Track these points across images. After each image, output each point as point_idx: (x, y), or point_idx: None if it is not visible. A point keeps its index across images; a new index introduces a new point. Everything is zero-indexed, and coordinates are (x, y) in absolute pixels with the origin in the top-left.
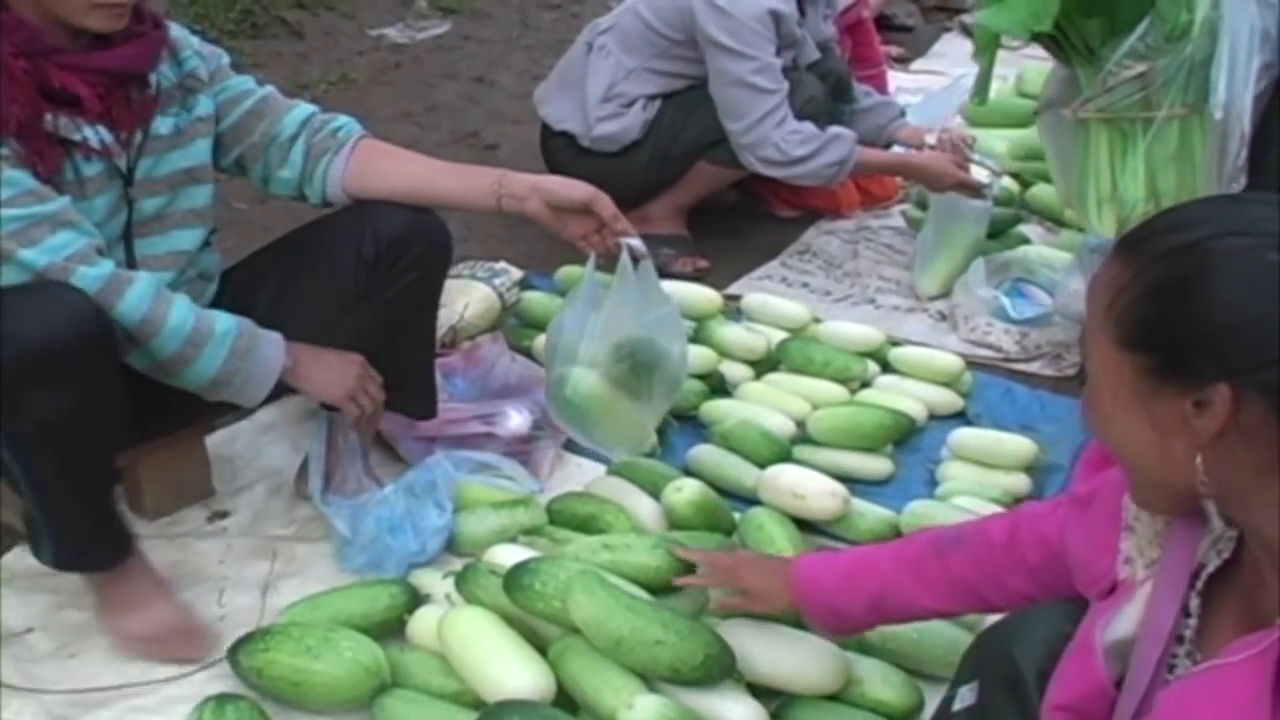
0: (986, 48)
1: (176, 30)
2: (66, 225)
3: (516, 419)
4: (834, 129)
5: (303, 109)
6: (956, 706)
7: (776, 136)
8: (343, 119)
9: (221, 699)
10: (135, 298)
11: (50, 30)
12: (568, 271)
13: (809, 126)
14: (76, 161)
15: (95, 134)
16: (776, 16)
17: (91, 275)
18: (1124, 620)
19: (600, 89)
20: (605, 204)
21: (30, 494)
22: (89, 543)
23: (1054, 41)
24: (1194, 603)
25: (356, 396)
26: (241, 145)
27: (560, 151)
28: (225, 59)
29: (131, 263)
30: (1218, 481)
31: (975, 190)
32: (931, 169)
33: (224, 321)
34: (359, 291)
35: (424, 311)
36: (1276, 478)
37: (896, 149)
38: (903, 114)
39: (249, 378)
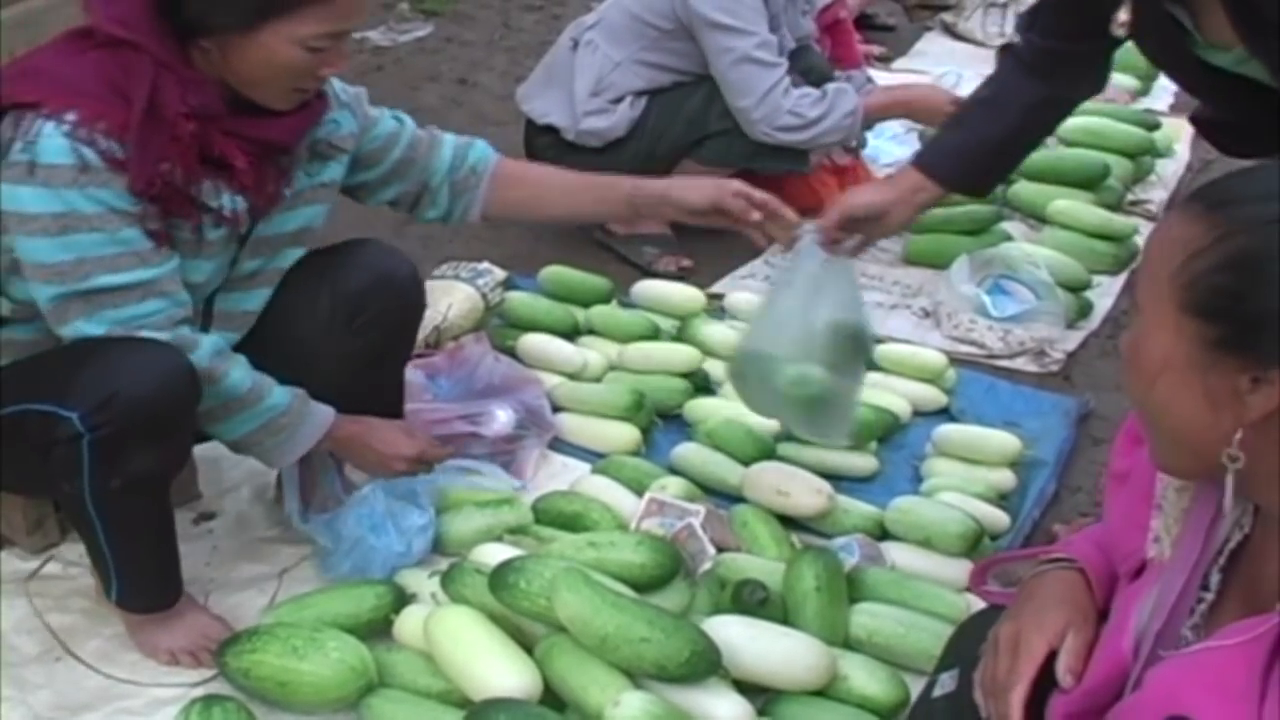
0: None
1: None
2: (160, 294)
3: (502, 418)
4: (831, 85)
5: (447, 146)
6: (937, 693)
7: (789, 104)
8: (479, 148)
9: (209, 700)
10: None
11: (224, 93)
12: (551, 271)
13: (813, 90)
14: (204, 225)
15: (232, 201)
16: None
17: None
18: (1150, 602)
19: (588, 84)
20: (733, 202)
21: (104, 540)
22: (157, 584)
23: None
24: (1214, 578)
25: (410, 467)
26: (392, 190)
27: (546, 150)
28: (364, 96)
29: (208, 319)
30: (1251, 458)
31: None
32: (924, 101)
33: (276, 395)
34: (316, 351)
35: (388, 369)
36: None
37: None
38: (870, 81)
39: (275, 450)
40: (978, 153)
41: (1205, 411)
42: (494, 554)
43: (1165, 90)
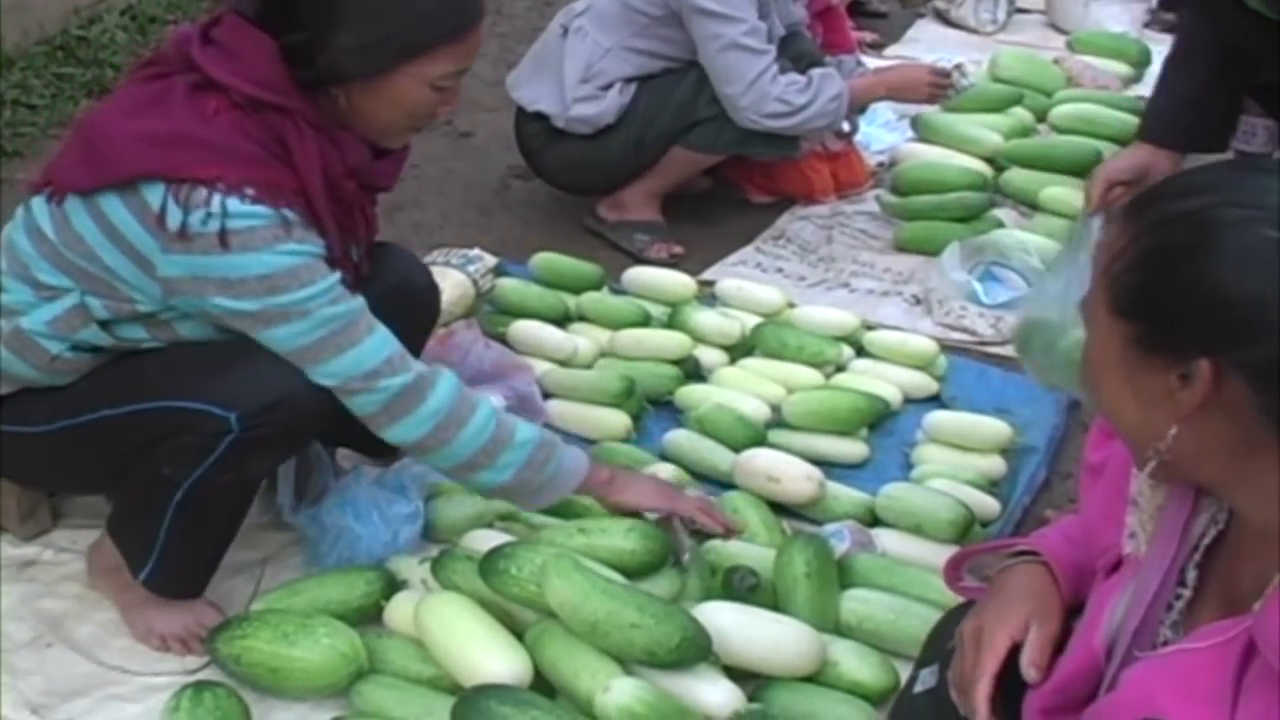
0: None
1: None
2: (377, 324)
3: (493, 404)
4: (816, 70)
5: None
6: (918, 689)
7: (776, 91)
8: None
9: (199, 686)
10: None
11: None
12: (542, 258)
13: (799, 76)
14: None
15: (356, 252)
16: None
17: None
18: (1126, 599)
19: (578, 70)
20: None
21: (170, 524)
22: (197, 574)
23: None
24: (1191, 575)
25: (679, 504)
26: None
27: (536, 137)
28: None
29: None
30: (1187, 456)
31: (947, 85)
32: (904, 81)
33: (523, 430)
34: None
35: None
36: (1250, 456)
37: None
38: (859, 64)
39: (537, 490)
40: (1187, 110)
41: (1142, 410)
42: (484, 540)
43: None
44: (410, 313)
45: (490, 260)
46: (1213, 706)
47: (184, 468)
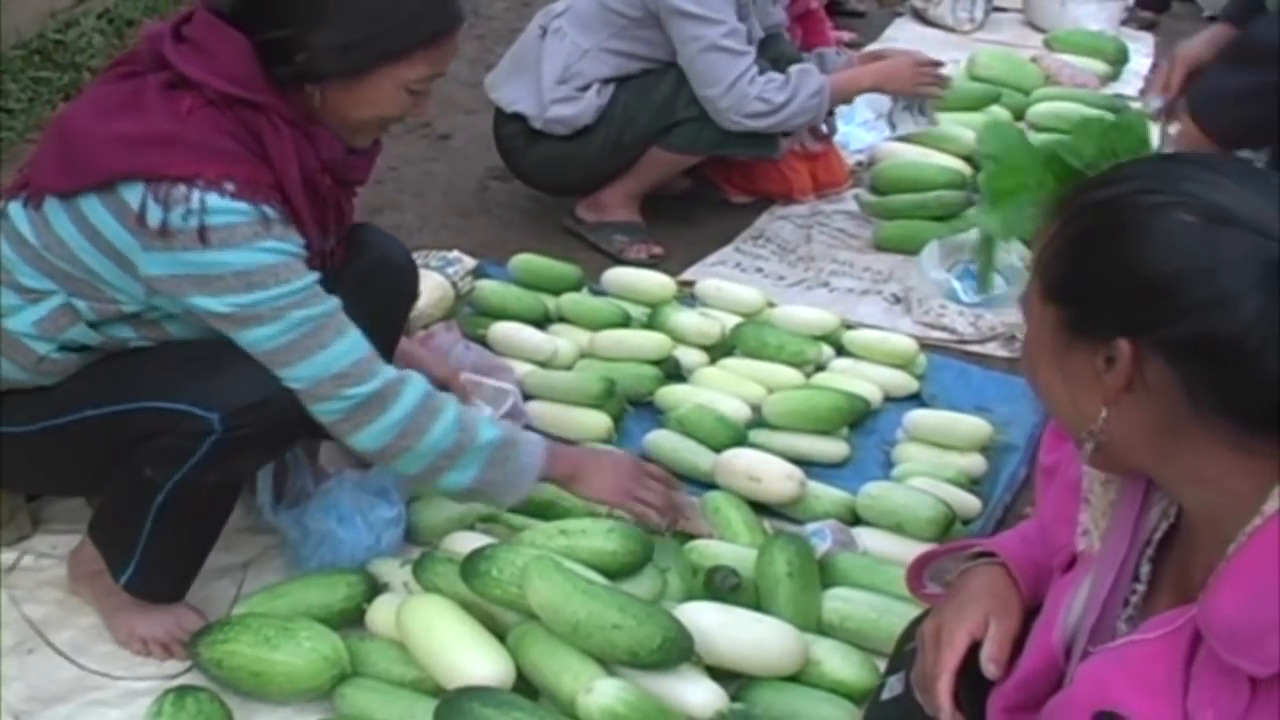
0: (985, 247)
1: None
2: (349, 326)
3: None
4: (794, 67)
5: None
6: (885, 696)
7: (755, 91)
8: None
9: (182, 691)
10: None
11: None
12: (522, 259)
13: (777, 75)
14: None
15: (326, 241)
16: None
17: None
18: (1081, 594)
19: (556, 71)
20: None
21: (151, 526)
22: (179, 577)
23: None
24: (1144, 569)
25: (640, 496)
26: None
27: (514, 137)
28: None
29: None
30: (1120, 440)
31: (933, 74)
32: (891, 71)
33: (486, 432)
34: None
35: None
36: (1178, 438)
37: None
38: (839, 54)
39: (501, 488)
40: None
41: (1073, 394)
42: (466, 542)
43: (1134, 75)
44: (390, 291)
45: (469, 262)
46: (1165, 695)
47: (166, 469)
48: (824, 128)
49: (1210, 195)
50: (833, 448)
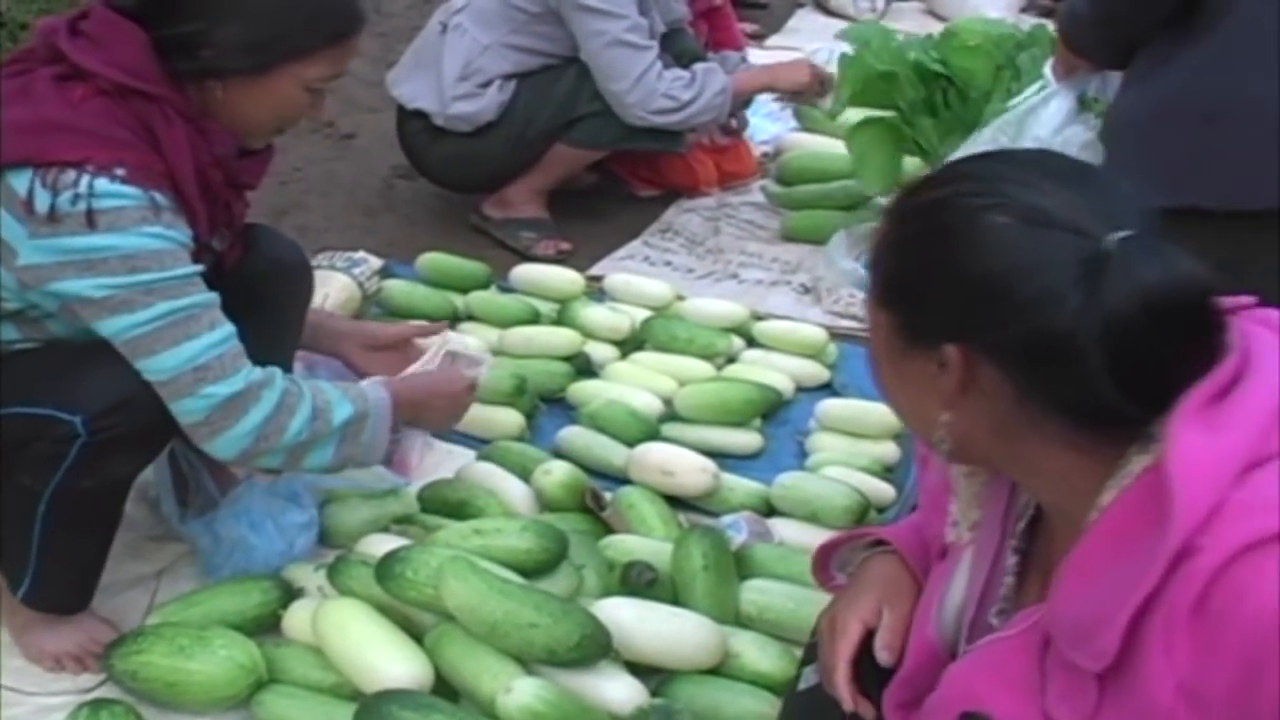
0: None
1: None
2: (223, 321)
3: None
4: (700, 65)
5: None
6: (801, 686)
7: (662, 87)
8: None
9: (97, 704)
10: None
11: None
12: (429, 258)
13: (683, 72)
14: (206, 265)
15: (221, 241)
16: None
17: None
18: (956, 587)
19: (456, 68)
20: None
21: (40, 536)
22: (77, 586)
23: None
24: (1010, 561)
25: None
26: None
27: (417, 135)
28: None
29: None
30: (967, 441)
31: (825, 87)
32: (787, 76)
33: (340, 408)
34: None
35: (276, 357)
36: (1018, 437)
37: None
38: (744, 60)
39: (359, 458)
40: None
41: (914, 399)
42: (380, 545)
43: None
44: (283, 292)
45: (375, 262)
46: (1026, 692)
47: (41, 476)
48: (734, 123)
49: (1027, 196)
50: (746, 439)
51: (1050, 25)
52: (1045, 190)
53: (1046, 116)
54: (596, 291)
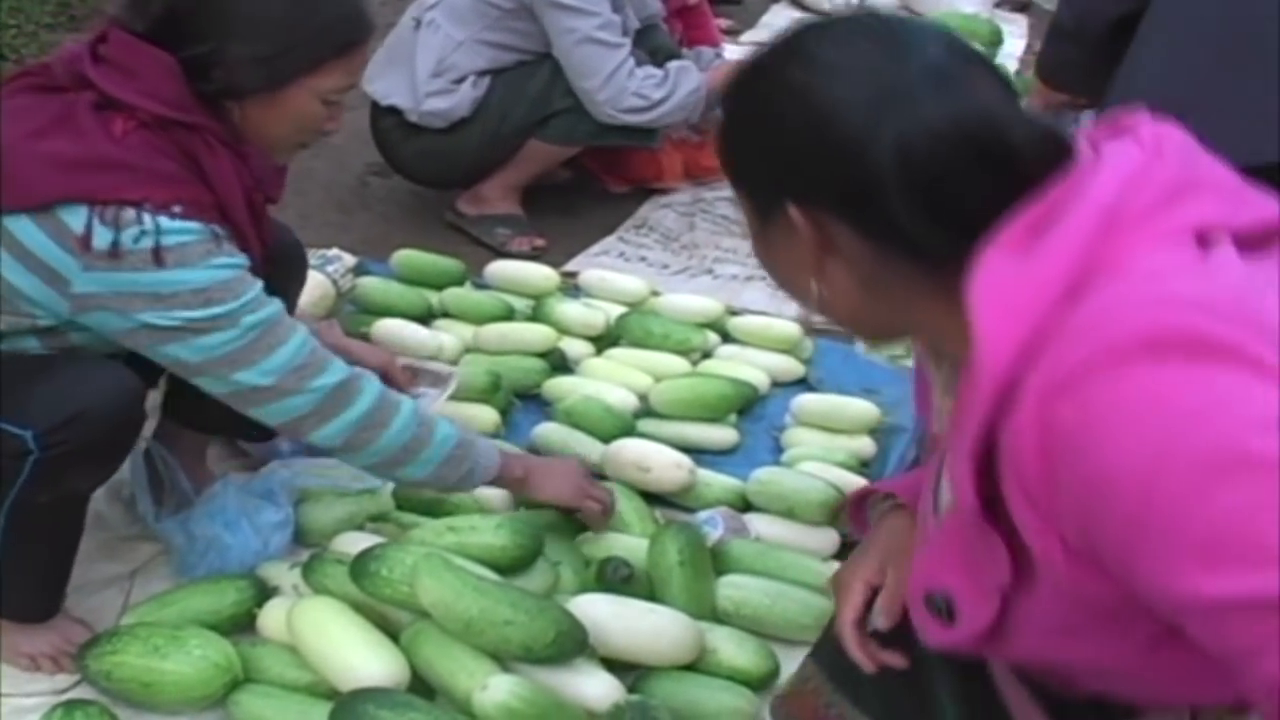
0: None
1: None
2: (294, 325)
3: None
4: (674, 64)
5: None
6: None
7: (633, 86)
8: None
9: (71, 705)
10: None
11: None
12: (403, 255)
13: (656, 70)
14: None
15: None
16: None
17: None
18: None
19: (429, 64)
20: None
21: (1, 547)
22: (44, 595)
23: None
24: None
25: (592, 494)
26: None
27: (391, 131)
28: None
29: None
30: (849, 305)
31: None
32: None
33: (443, 427)
34: None
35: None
36: (890, 289)
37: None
38: (719, 56)
39: (452, 485)
40: None
41: (785, 271)
42: (355, 543)
43: (1009, 57)
44: (281, 275)
45: (350, 259)
46: (971, 566)
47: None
48: (704, 122)
49: (824, 51)
50: (721, 435)
51: (1022, 20)
52: (841, 42)
53: None
54: (571, 288)
